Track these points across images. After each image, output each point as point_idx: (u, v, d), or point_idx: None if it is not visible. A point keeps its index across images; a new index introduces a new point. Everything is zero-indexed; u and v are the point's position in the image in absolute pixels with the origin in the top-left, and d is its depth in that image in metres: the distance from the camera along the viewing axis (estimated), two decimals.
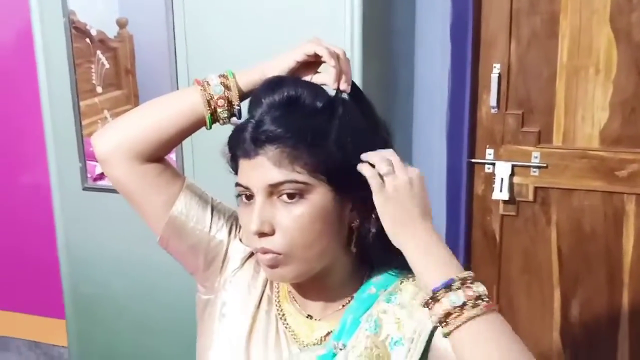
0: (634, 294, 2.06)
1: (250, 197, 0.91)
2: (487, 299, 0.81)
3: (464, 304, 0.80)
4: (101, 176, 2.10)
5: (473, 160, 2.12)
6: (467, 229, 2.16)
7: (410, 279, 0.95)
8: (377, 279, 0.97)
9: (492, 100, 2.04)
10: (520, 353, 0.81)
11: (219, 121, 0.97)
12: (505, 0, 1.99)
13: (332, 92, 0.94)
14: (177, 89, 1.81)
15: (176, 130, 0.97)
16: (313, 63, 0.95)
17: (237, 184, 0.92)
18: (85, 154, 2.01)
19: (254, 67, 0.97)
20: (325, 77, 0.94)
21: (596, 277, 2.08)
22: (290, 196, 0.88)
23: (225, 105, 0.96)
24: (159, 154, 1.00)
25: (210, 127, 0.98)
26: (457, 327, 0.80)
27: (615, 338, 2.10)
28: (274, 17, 1.71)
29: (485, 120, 2.08)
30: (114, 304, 2.10)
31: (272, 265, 0.91)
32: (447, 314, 0.81)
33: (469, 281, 0.82)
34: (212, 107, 0.95)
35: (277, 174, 0.87)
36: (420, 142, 2.11)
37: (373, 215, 0.90)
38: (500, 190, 2.06)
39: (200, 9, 1.77)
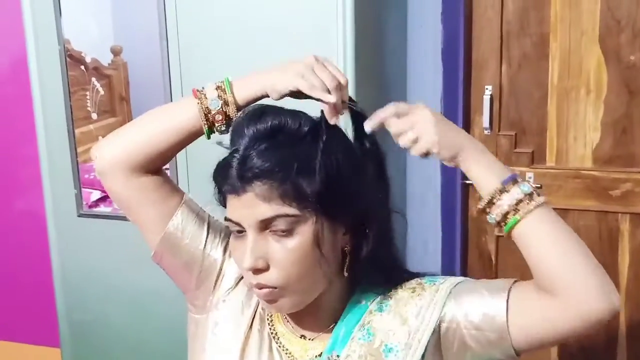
0: (631, 313, 2.06)
1: (241, 230, 0.90)
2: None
3: (532, 193, 0.86)
4: (96, 203, 2.10)
5: (467, 181, 2.13)
6: (463, 250, 2.16)
7: (399, 288, 0.95)
8: (363, 291, 0.97)
9: (485, 122, 2.06)
10: (580, 239, 0.87)
11: (216, 132, 0.96)
12: (495, 22, 2.01)
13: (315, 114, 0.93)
14: None
15: (173, 141, 0.97)
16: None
17: (227, 219, 0.91)
18: (80, 181, 2.01)
19: (253, 78, 0.94)
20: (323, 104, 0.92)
21: None
22: (282, 230, 0.87)
23: (223, 119, 0.94)
24: (157, 165, 0.99)
25: (209, 138, 0.96)
26: (530, 211, 0.85)
27: (613, 357, 2.09)
28: (267, 42, 1.72)
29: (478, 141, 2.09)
30: (110, 331, 2.08)
31: (270, 300, 0.90)
32: (519, 202, 0.85)
33: (523, 179, 0.88)
34: (210, 120, 0.94)
35: (267, 210, 0.87)
36: (414, 164, 2.12)
37: (367, 231, 0.91)
38: None
39: (194, 36, 1.79)
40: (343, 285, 0.97)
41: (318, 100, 0.91)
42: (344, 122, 0.96)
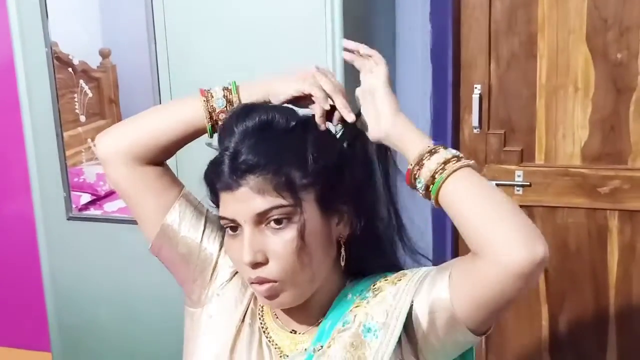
0: (621, 309, 2.08)
1: (235, 228, 0.91)
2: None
3: (459, 156, 0.87)
4: (86, 206, 2.09)
5: None
6: (454, 250, 2.17)
7: (382, 280, 0.96)
8: (352, 286, 0.98)
9: (474, 121, 2.06)
10: (503, 194, 0.87)
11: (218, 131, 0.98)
12: (483, 22, 2.02)
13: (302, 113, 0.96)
14: None
15: (176, 136, 1.00)
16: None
17: (222, 217, 0.92)
18: (69, 184, 2.01)
19: (258, 83, 0.99)
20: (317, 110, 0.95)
21: (582, 293, 2.09)
22: (278, 222, 0.88)
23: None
24: (159, 158, 1.02)
25: (212, 136, 0.99)
26: (454, 171, 0.86)
27: (604, 354, 2.11)
28: (256, 45, 1.72)
29: (468, 140, 2.10)
30: (100, 334, 2.07)
31: (271, 296, 0.91)
32: (447, 161, 0.87)
33: (447, 147, 0.89)
34: (214, 119, 0.98)
35: (262, 202, 0.88)
36: (405, 164, 2.12)
37: (359, 222, 0.93)
38: None
39: (183, 38, 1.78)
40: (335, 280, 0.98)
41: (313, 104, 0.94)
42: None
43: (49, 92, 1.95)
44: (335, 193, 0.91)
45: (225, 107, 0.97)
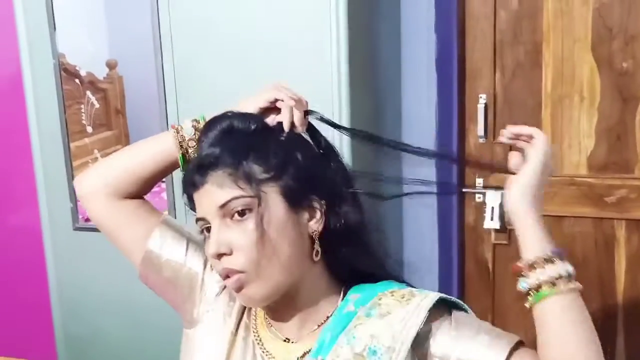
0: (628, 318, 2.06)
1: (209, 229, 0.94)
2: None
3: (571, 275, 0.88)
4: None
5: (463, 189, 2.13)
6: (460, 259, 2.16)
7: (388, 294, 0.96)
8: (356, 296, 0.98)
9: (480, 131, 2.06)
10: (596, 335, 0.88)
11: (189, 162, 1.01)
12: (488, 31, 2.02)
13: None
14: (167, 128, 1.82)
15: (150, 170, 1.05)
16: (275, 108, 0.99)
17: (197, 219, 0.96)
18: (76, 195, 2.01)
19: (225, 110, 1.01)
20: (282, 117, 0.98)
21: (590, 303, 2.06)
22: (241, 213, 0.91)
23: (196, 146, 1.00)
24: (137, 193, 1.07)
25: (183, 169, 1.02)
26: (563, 292, 0.86)
27: None
28: (261, 54, 1.73)
29: (473, 150, 2.10)
30: (107, 344, 2.07)
31: (238, 288, 0.93)
32: (559, 277, 0.86)
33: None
34: (184, 148, 1.01)
35: (222, 194, 0.91)
36: (410, 173, 2.12)
37: (332, 221, 0.95)
38: (492, 219, 2.07)
39: (189, 50, 1.79)
40: (324, 283, 0.98)
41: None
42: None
43: (56, 103, 1.97)
44: (302, 188, 0.93)
45: (194, 135, 1.01)
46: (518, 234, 0.91)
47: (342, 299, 0.98)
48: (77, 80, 1.98)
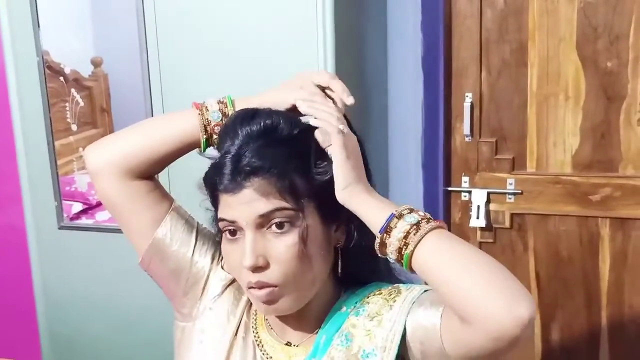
0: (613, 317, 2.08)
1: (234, 232, 0.90)
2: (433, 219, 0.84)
3: (419, 222, 0.83)
4: (77, 215, 2.08)
5: (449, 188, 2.14)
6: None
7: (377, 292, 0.96)
8: (347, 298, 0.97)
9: (466, 129, 2.07)
10: (479, 254, 0.82)
11: (213, 145, 0.97)
12: (474, 30, 2.03)
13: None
14: None
15: (169, 149, 0.98)
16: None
17: (221, 219, 0.91)
18: (61, 193, 2.00)
19: (253, 96, 0.98)
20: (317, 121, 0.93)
21: (575, 301, 2.10)
22: (280, 226, 0.88)
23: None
24: (151, 172, 1.00)
25: (204, 151, 0.98)
26: (419, 241, 0.82)
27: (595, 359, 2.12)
28: (247, 52, 1.72)
29: (459, 148, 2.11)
30: (92, 344, 2.06)
31: (270, 301, 0.90)
32: (406, 235, 0.82)
33: (413, 209, 0.85)
34: (209, 132, 0.96)
35: (265, 204, 0.87)
36: (396, 171, 2.13)
37: (353, 227, 0.92)
38: (477, 218, 2.08)
39: (175, 47, 1.78)
40: (331, 289, 0.98)
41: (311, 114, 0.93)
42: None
43: (40, 101, 1.95)
44: (335, 202, 0.90)
45: (221, 120, 0.96)
46: (363, 220, 0.88)
47: (339, 299, 0.98)
48: (61, 78, 1.97)
